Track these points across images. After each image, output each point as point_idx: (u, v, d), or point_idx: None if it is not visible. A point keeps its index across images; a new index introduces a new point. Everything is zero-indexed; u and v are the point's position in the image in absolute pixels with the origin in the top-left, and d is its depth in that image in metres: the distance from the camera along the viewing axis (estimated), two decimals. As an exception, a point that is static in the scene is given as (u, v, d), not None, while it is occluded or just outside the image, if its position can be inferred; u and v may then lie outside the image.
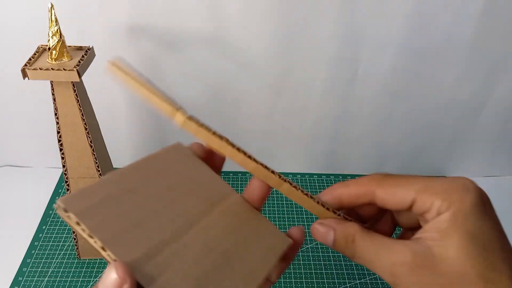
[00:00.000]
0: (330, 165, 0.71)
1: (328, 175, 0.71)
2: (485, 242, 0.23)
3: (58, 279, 0.53)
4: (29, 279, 0.53)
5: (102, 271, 0.54)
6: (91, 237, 0.20)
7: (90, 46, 0.46)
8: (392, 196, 0.25)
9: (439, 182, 0.25)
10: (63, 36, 0.43)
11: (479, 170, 0.72)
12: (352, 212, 0.30)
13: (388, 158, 0.70)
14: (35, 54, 0.45)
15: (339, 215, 0.28)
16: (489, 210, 0.24)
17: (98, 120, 0.51)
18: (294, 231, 0.30)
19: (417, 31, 0.55)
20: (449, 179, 0.25)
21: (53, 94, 0.44)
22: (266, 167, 0.27)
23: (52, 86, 0.44)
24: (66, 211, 0.20)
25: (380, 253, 0.25)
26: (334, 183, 0.69)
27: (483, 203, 0.24)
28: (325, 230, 0.27)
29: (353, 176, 0.71)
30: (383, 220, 0.31)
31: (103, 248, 0.20)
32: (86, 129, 0.46)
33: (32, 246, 0.57)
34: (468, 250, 0.22)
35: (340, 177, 0.71)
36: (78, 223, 0.20)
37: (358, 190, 0.27)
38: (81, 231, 0.20)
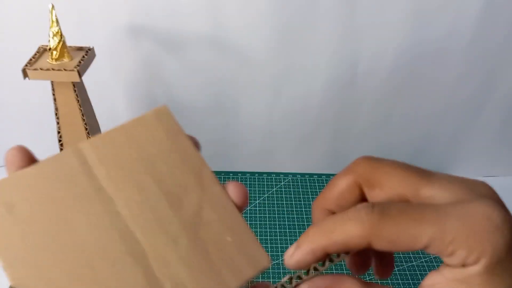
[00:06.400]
0: (330, 165, 0.71)
1: (328, 175, 0.71)
2: None
3: (58, 279, 0.53)
4: (30, 279, 0.53)
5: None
6: None
7: (91, 47, 0.47)
8: (397, 245, 0.19)
9: (459, 221, 0.19)
10: (63, 36, 0.43)
11: (479, 170, 0.72)
12: None
13: (388, 157, 0.70)
14: (35, 54, 0.45)
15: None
16: None
17: (98, 120, 0.51)
18: (232, 188, 0.22)
19: (417, 30, 0.55)
20: (466, 210, 0.19)
21: (53, 94, 0.44)
22: None
23: (52, 86, 0.44)
24: None
25: None
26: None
27: None
28: None
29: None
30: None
31: None
32: (86, 129, 0.47)
33: (32, 246, 0.57)
34: None
35: (340, 177, 0.71)
36: None
37: (347, 241, 0.20)
38: None
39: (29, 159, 0.21)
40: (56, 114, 0.46)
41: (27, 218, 0.19)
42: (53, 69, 0.42)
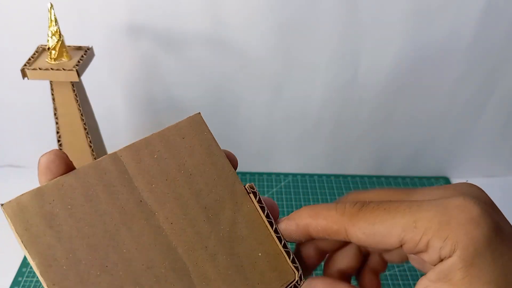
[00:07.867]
0: (330, 166, 0.71)
1: (328, 176, 0.71)
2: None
3: (57, 279, 0.53)
4: (29, 279, 0.53)
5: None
6: None
7: (90, 46, 0.46)
8: (372, 237, 0.20)
9: (432, 211, 0.19)
10: (62, 36, 0.43)
11: (480, 170, 0.72)
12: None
13: (388, 158, 0.70)
14: (34, 54, 0.45)
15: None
16: (504, 234, 0.18)
17: (97, 120, 0.51)
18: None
19: (418, 31, 0.55)
20: (442, 202, 0.19)
21: (52, 94, 0.44)
22: None
23: (51, 86, 0.44)
24: None
25: None
26: (334, 184, 0.70)
27: (496, 227, 0.18)
28: None
29: (353, 177, 0.71)
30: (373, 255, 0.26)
31: None
32: (85, 129, 0.46)
33: (31, 247, 0.57)
34: None
35: (341, 177, 0.71)
36: None
37: (327, 226, 0.21)
38: None
39: (66, 166, 0.20)
40: (55, 114, 0.45)
41: (70, 233, 0.18)
42: (51, 69, 0.42)
